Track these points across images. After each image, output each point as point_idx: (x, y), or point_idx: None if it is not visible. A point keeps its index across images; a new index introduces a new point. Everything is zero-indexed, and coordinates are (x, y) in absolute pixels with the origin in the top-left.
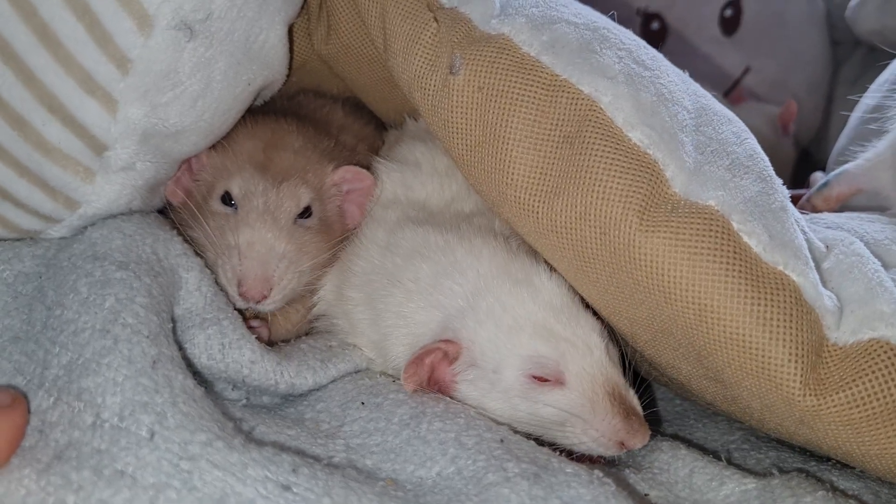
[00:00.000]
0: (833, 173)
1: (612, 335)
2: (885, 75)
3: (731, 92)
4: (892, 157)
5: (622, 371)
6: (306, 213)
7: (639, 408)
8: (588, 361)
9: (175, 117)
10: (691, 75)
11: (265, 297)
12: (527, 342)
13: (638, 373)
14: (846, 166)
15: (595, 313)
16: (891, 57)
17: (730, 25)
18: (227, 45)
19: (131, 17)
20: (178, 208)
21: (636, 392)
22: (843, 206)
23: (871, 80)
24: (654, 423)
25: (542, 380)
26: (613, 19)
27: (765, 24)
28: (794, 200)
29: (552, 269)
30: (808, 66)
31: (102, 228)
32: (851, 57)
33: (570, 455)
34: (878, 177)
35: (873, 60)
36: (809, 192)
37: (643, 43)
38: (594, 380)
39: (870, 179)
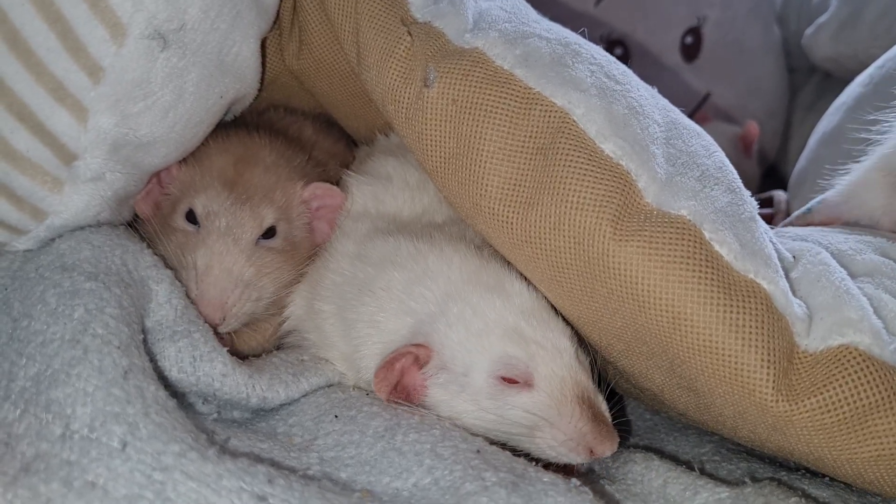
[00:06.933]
0: (815, 200)
1: (584, 345)
2: (842, 98)
3: (692, 116)
4: (883, 179)
5: (592, 378)
6: (270, 233)
7: (607, 414)
8: (557, 364)
9: (146, 128)
10: None
11: (220, 323)
12: (496, 344)
13: (609, 385)
14: (827, 194)
15: (568, 323)
16: (845, 82)
17: (690, 52)
18: (200, 56)
19: (104, 26)
20: (146, 222)
21: (608, 403)
22: None
23: (827, 105)
24: (625, 434)
25: (510, 381)
26: (585, 36)
27: (724, 51)
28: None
29: (524, 276)
30: (767, 92)
31: (70, 240)
32: (807, 83)
33: (547, 466)
34: (864, 202)
35: (828, 86)
36: (791, 217)
37: (613, 59)
38: (563, 382)
39: (851, 207)
